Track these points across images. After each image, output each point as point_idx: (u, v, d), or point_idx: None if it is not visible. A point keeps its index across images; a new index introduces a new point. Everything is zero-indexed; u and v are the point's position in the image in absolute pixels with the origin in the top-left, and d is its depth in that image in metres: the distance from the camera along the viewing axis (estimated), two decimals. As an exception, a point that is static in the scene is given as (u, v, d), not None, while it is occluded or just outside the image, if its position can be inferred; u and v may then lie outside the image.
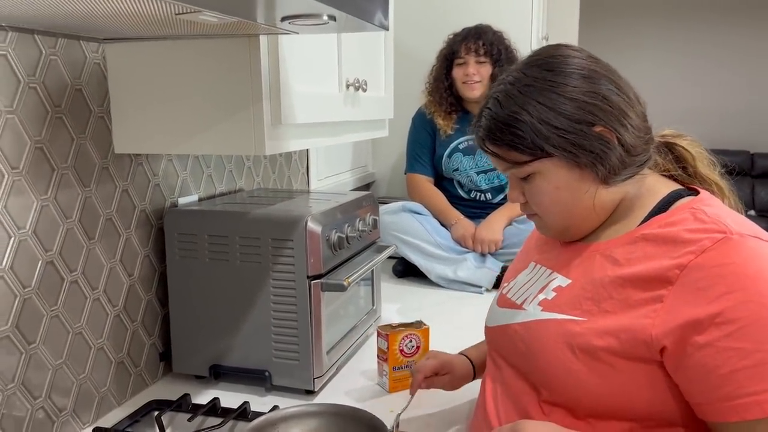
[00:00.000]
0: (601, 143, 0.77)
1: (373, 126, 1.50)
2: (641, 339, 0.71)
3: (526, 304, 0.86)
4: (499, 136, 0.80)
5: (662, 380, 0.72)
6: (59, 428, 1.01)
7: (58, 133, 0.98)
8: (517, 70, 0.82)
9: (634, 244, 0.77)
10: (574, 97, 0.77)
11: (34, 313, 0.95)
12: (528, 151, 0.79)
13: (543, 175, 0.80)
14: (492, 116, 0.81)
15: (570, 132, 0.77)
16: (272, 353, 1.17)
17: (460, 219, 1.96)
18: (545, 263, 0.89)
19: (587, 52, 0.82)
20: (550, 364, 0.77)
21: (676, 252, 0.72)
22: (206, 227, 1.18)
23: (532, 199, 0.83)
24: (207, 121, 1.02)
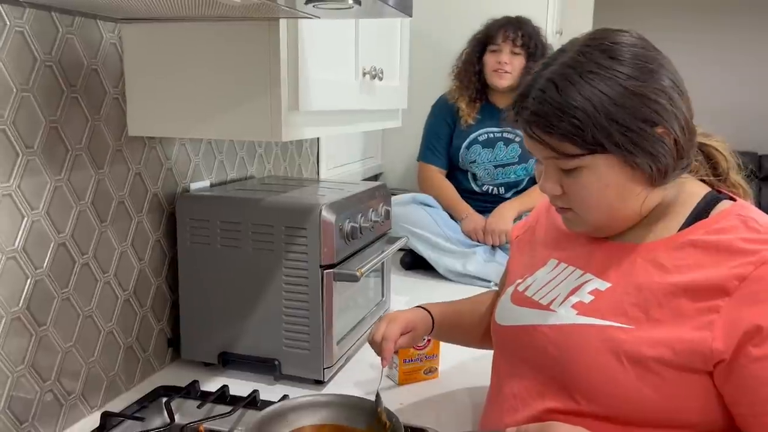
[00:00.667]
0: (659, 144, 0.72)
1: (386, 116, 1.48)
2: (699, 351, 0.69)
3: (554, 305, 0.82)
4: (553, 124, 0.73)
5: (711, 390, 0.71)
6: (67, 411, 1.00)
7: (72, 114, 0.97)
8: (574, 52, 0.74)
9: (681, 250, 0.75)
10: (641, 92, 0.71)
11: (46, 294, 0.94)
12: (584, 145, 0.73)
13: (593, 171, 0.74)
14: (546, 100, 0.73)
15: (632, 130, 0.71)
16: (282, 342, 1.16)
17: (471, 213, 1.94)
18: (572, 262, 0.85)
19: (644, 38, 0.77)
20: (591, 372, 0.74)
21: (732, 262, 0.70)
22: (219, 213, 1.17)
23: (574, 195, 0.78)
24: (223, 106, 1.00)
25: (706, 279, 0.70)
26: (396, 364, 1.19)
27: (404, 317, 1.00)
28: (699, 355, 0.69)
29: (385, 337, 0.96)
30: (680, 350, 0.70)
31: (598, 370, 0.74)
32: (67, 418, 1.00)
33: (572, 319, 0.78)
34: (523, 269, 0.93)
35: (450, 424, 1.04)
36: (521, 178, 2.00)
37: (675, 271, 0.73)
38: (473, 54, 1.98)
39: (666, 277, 0.74)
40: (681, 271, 0.73)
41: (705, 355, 0.69)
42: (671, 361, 0.70)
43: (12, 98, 0.86)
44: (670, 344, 0.70)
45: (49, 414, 0.96)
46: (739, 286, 0.68)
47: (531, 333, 0.83)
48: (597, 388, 0.74)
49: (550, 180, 0.79)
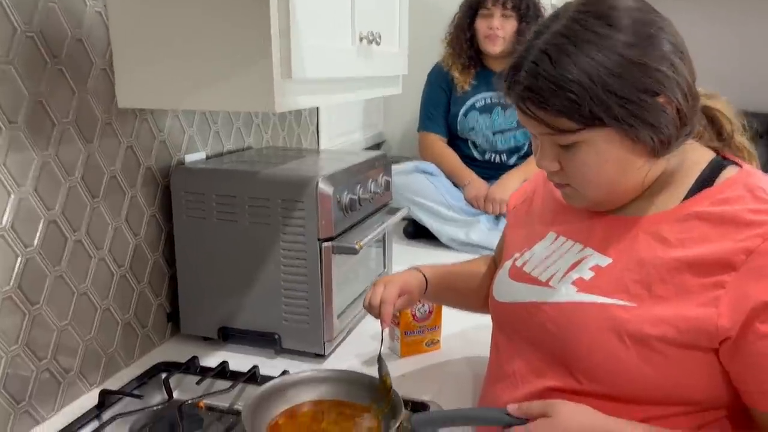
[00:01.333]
0: (661, 114, 0.68)
1: (386, 82, 1.43)
2: (704, 329, 0.66)
3: (553, 281, 0.79)
4: (546, 99, 0.68)
5: (716, 368, 0.68)
6: (66, 389, 0.99)
7: (57, 86, 0.93)
8: (568, 19, 0.69)
9: (686, 222, 0.71)
10: (640, 60, 0.67)
11: (37, 273, 0.92)
12: (581, 120, 0.68)
13: (591, 145, 0.70)
14: (539, 73, 0.68)
15: (632, 102, 0.67)
16: (282, 316, 1.15)
17: (474, 179, 1.91)
18: (572, 236, 0.82)
19: (644, 1, 0.72)
20: (592, 350, 0.72)
21: (739, 234, 0.67)
22: (214, 186, 1.14)
23: (572, 171, 0.74)
24: (214, 76, 0.97)
25: (712, 253, 0.67)
26: (397, 336, 1.17)
27: (400, 279, 0.97)
28: (704, 332, 0.66)
29: (383, 300, 0.94)
30: (684, 328, 0.67)
31: (599, 348, 0.71)
32: (66, 396, 0.99)
33: (572, 296, 0.75)
34: (521, 243, 0.90)
35: (452, 396, 1.03)
36: (522, 143, 1.95)
37: (679, 245, 0.70)
38: (464, 20, 1.92)
39: (669, 252, 0.71)
40: (685, 245, 0.70)
41: (710, 333, 0.66)
42: (675, 339, 0.68)
43: (-8, 71, 0.83)
44: (674, 322, 0.68)
45: (46, 392, 0.96)
46: (746, 260, 0.65)
47: (530, 310, 0.80)
48: (598, 367, 0.72)
49: (546, 156, 0.75)
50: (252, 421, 0.83)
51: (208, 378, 1.04)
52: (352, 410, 0.91)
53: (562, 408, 0.69)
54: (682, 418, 0.71)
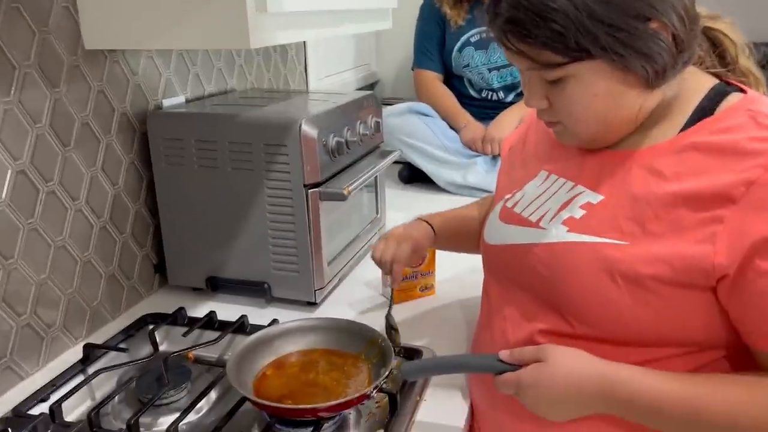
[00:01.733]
0: (654, 41, 0.63)
1: (374, 16, 1.35)
2: (700, 267, 0.62)
3: (544, 222, 0.75)
4: (529, 31, 0.64)
5: (713, 306, 0.65)
6: (50, 344, 0.97)
7: (15, 26, 0.87)
8: None
9: (682, 154, 0.67)
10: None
11: (8, 226, 0.88)
12: (567, 52, 0.64)
13: (579, 79, 0.66)
14: (521, 3, 0.64)
15: (622, 30, 0.62)
16: (271, 265, 1.12)
17: (470, 121, 1.84)
18: (563, 174, 0.78)
19: None
20: (584, 293, 0.68)
21: (739, 165, 0.62)
22: (193, 131, 1.08)
23: (561, 107, 0.70)
24: (185, 11, 0.90)
25: (709, 186, 0.63)
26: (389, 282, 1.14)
27: (412, 237, 0.97)
28: (700, 271, 0.63)
29: (396, 260, 0.94)
30: (679, 267, 0.63)
31: (591, 290, 0.68)
32: (50, 351, 0.97)
33: (563, 237, 0.72)
34: (513, 184, 0.86)
35: (446, 342, 1.00)
36: (518, 79, 1.87)
37: (674, 178, 0.66)
38: None
39: (664, 186, 0.66)
40: (681, 179, 0.65)
41: (706, 271, 0.62)
42: (670, 278, 0.64)
43: (-62, 10, 0.76)
44: (669, 260, 0.64)
45: (29, 348, 0.93)
46: (745, 193, 0.61)
47: (520, 252, 0.77)
48: (590, 310, 0.68)
49: (534, 94, 0.71)
50: (237, 373, 0.81)
51: (195, 329, 1.02)
52: (342, 359, 0.89)
53: (554, 352, 0.66)
54: (679, 359, 0.68)
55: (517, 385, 0.67)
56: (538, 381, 0.66)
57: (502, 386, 0.69)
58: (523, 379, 0.67)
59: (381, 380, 0.78)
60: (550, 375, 0.65)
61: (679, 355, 0.68)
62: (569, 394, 0.65)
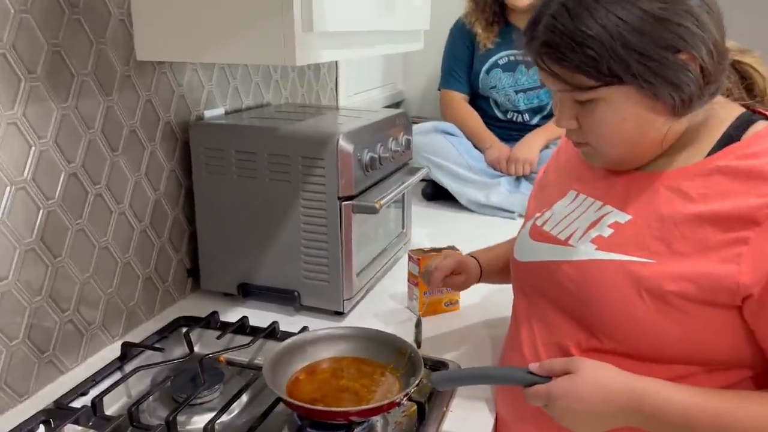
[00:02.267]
0: (683, 72, 0.66)
1: (407, 38, 1.40)
2: (725, 286, 0.65)
3: (573, 240, 0.78)
4: (564, 54, 0.67)
5: (739, 326, 0.67)
6: (89, 341, 1.01)
7: (76, 37, 0.92)
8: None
9: (709, 177, 0.69)
10: (663, 16, 0.64)
11: (59, 226, 0.93)
12: (599, 77, 0.67)
13: (609, 103, 0.69)
14: (557, 28, 0.67)
15: (653, 59, 0.65)
16: (302, 273, 1.15)
17: (495, 142, 1.87)
18: (591, 194, 0.81)
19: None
20: (611, 309, 0.71)
21: (763, 189, 0.65)
22: (234, 142, 1.13)
23: (590, 128, 0.73)
24: (234, 27, 0.94)
25: (735, 208, 0.66)
26: (416, 296, 1.17)
27: (459, 257, 1.03)
28: (724, 290, 0.65)
29: (437, 267, 1.00)
30: (705, 285, 0.66)
31: (619, 307, 0.70)
32: (89, 348, 1.01)
33: (591, 254, 0.74)
34: (544, 202, 0.89)
35: (470, 356, 1.03)
36: (545, 102, 1.91)
37: (700, 199, 0.69)
38: None
39: (690, 207, 0.69)
40: (707, 200, 0.68)
41: (731, 290, 0.65)
42: (695, 295, 0.66)
43: (10, 20, 0.81)
44: (694, 279, 0.66)
45: (70, 343, 0.97)
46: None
47: (549, 269, 0.80)
48: (617, 326, 0.71)
49: (564, 114, 0.74)
50: (273, 375, 0.84)
51: (228, 333, 1.05)
52: (371, 367, 0.91)
53: (584, 365, 0.68)
54: (704, 377, 0.70)
55: (547, 397, 0.69)
56: (568, 393, 0.67)
57: (533, 398, 0.70)
58: (553, 390, 0.68)
59: (411, 388, 0.81)
60: (580, 387, 0.67)
61: (705, 373, 0.70)
62: (598, 407, 0.67)
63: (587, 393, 0.67)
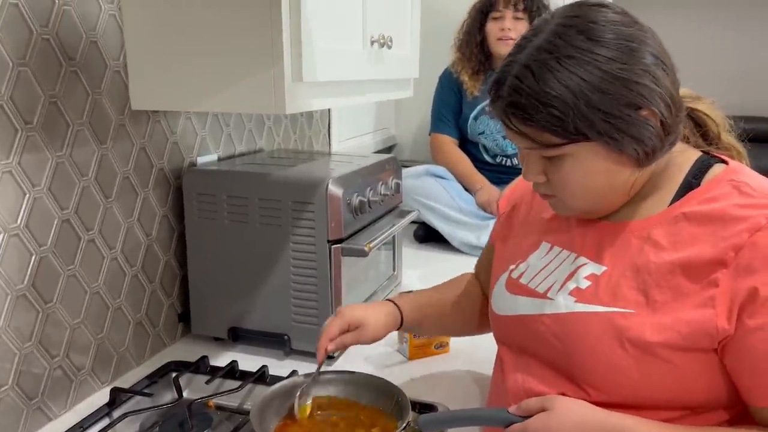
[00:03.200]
0: (644, 127, 0.68)
1: (397, 85, 1.44)
2: (705, 330, 0.66)
3: (551, 293, 0.79)
4: (531, 115, 0.68)
5: (715, 366, 0.68)
6: (78, 387, 1.00)
7: (72, 88, 0.95)
8: (550, 33, 0.69)
9: (675, 225, 0.71)
10: (623, 75, 0.67)
11: (51, 271, 0.94)
12: (565, 135, 0.68)
13: (576, 158, 0.70)
14: (522, 89, 0.68)
15: (616, 116, 0.67)
16: (292, 317, 1.16)
17: (486, 184, 1.90)
18: (565, 246, 0.82)
19: (624, 12, 0.71)
20: (595, 360, 0.72)
21: (727, 231, 0.67)
22: (226, 188, 1.15)
23: (557, 182, 0.74)
24: (226, 78, 0.98)
25: (703, 253, 0.68)
26: (406, 339, 1.18)
27: (350, 313, 0.92)
28: (705, 334, 0.66)
29: (323, 332, 0.90)
30: (686, 332, 0.67)
31: (602, 358, 0.71)
32: (78, 394, 1.00)
33: (571, 307, 0.75)
34: (514, 254, 0.89)
35: (460, 399, 1.03)
36: None
37: (671, 247, 0.71)
38: (474, 25, 1.92)
39: (662, 255, 0.71)
40: (677, 248, 0.70)
41: (711, 334, 0.66)
42: (678, 344, 0.68)
43: (8, 73, 0.85)
44: (676, 327, 0.68)
45: (59, 389, 0.97)
46: (735, 257, 0.66)
47: (530, 323, 0.80)
48: (602, 377, 0.72)
49: (532, 169, 0.75)
50: (261, 421, 0.84)
51: (217, 378, 1.05)
52: (360, 411, 0.91)
53: (559, 401, 0.69)
54: (687, 420, 0.71)
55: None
56: (545, 428, 0.68)
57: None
58: (529, 428, 0.70)
59: (399, 430, 0.81)
60: (556, 423, 0.68)
61: (685, 416, 0.70)
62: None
63: (564, 428, 0.68)
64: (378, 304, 0.97)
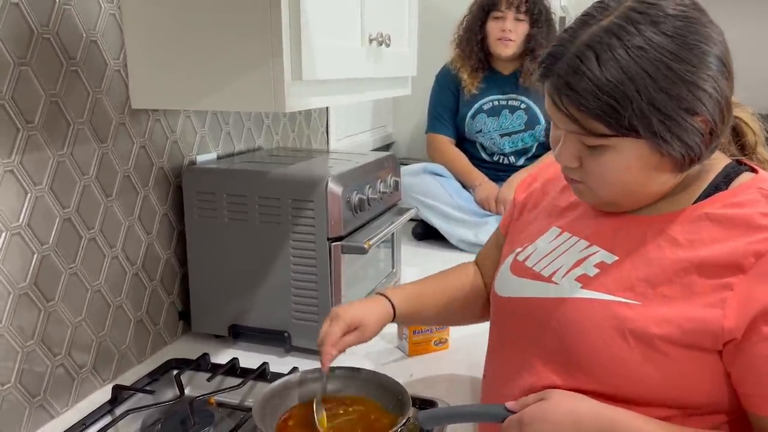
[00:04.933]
0: (696, 133, 0.66)
1: (395, 83, 1.45)
2: (710, 330, 0.66)
3: (556, 277, 0.78)
4: (587, 101, 0.65)
5: (719, 370, 0.68)
6: (79, 385, 1.01)
7: (73, 87, 0.95)
8: (621, 16, 0.65)
9: (696, 223, 0.71)
10: (690, 79, 0.64)
11: (53, 270, 0.94)
12: (617, 128, 0.66)
13: (618, 151, 0.68)
14: (583, 72, 0.64)
15: (673, 119, 0.65)
16: (292, 314, 1.16)
17: (484, 181, 1.91)
18: (577, 233, 0.81)
19: (700, 7, 0.68)
20: (594, 348, 0.72)
21: (749, 237, 0.67)
22: (225, 186, 1.16)
23: (592, 171, 0.71)
24: (226, 77, 0.98)
25: (721, 255, 0.67)
26: (406, 335, 1.18)
27: (349, 314, 0.89)
28: (709, 334, 0.66)
29: (324, 341, 0.87)
30: (689, 329, 0.67)
31: (601, 347, 0.71)
32: (80, 392, 1.01)
33: (576, 292, 0.75)
34: (523, 237, 0.89)
35: (459, 395, 1.04)
36: (530, 144, 1.95)
37: (688, 245, 0.70)
38: (475, 22, 1.91)
39: (678, 252, 0.70)
40: (694, 246, 0.70)
41: (715, 334, 0.66)
42: (678, 339, 0.67)
43: (10, 72, 0.85)
44: (678, 322, 0.68)
45: (61, 387, 0.97)
46: (755, 264, 0.65)
47: (531, 306, 0.80)
48: (599, 366, 0.71)
49: (567, 153, 0.72)
50: (262, 416, 0.85)
51: (218, 375, 1.06)
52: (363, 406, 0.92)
53: (555, 393, 0.71)
54: (681, 420, 0.71)
55: (519, 424, 0.71)
56: (539, 417, 0.69)
57: (507, 430, 0.72)
58: (524, 416, 0.70)
59: (398, 426, 0.81)
60: (551, 412, 0.69)
61: (682, 417, 0.71)
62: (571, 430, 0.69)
63: (557, 417, 0.69)
64: (371, 301, 0.95)
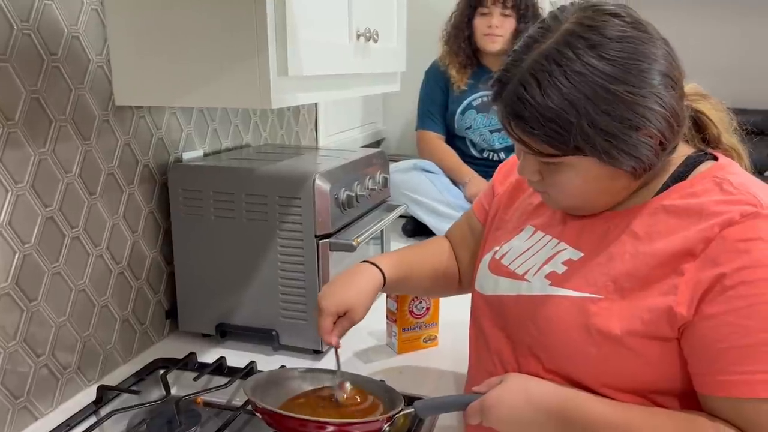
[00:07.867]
0: (643, 147, 0.69)
1: (384, 79, 1.44)
2: (665, 318, 0.67)
3: (529, 275, 0.80)
4: (532, 128, 0.69)
5: (679, 356, 0.69)
6: (64, 385, 1.00)
7: (55, 83, 0.94)
8: (559, 41, 0.68)
9: (654, 216, 0.72)
10: (630, 99, 0.66)
11: (35, 269, 0.93)
12: (564, 149, 0.69)
13: (572, 167, 0.71)
14: (526, 100, 0.68)
15: (617, 137, 0.67)
16: (279, 312, 1.15)
17: (474, 177, 1.91)
18: (548, 231, 0.83)
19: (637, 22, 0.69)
20: (564, 344, 0.74)
21: (701, 224, 0.68)
22: (211, 183, 1.14)
23: (553, 183, 0.75)
24: (210, 72, 0.97)
25: (675, 245, 0.69)
26: (395, 332, 1.18)
27: (333, 304, 0.89)
28: (665, 321, 0.68)
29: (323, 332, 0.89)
30: (648, 319, 0.68)
31: (569, 341, 0.73)
32: (64, 392, 1.00)
33: (545, 290, 0.77)
34: (502, 235, 0.91)
35: (449, 391, 1.03)
36: None
37: (646, 238, 0.72)
38: (462, 18, 1.92)
39: (638, 246, 0.72)
40: (652, 238, 0.71)
41: (671, 321, 0.67)
42: (640, 331, 0.69)
43: (-11, 68, 0.83)
44: (639, 314, 0.69)
45: (45, 388, 0.96)
46: (704, 249, 0.67)
47: (507, 303, 0.82)
48: (569, 360, 0.74)
49: (528, 168, 0.76)
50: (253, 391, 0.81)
51: (205, 374, 1.05)
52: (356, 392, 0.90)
53: (512, 375, 0.75)
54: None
55: (480, 409, 0.74)
56: (497, 401, 0.73)
57: (471, 416, 0.75)
58: (485, 401, 0.74)
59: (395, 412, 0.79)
60: (507, 393, 0.73)
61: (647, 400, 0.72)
62: (525, 412, 0.72)
63: (513, 398, 0.73)
64: (357, 275, 0.92)
